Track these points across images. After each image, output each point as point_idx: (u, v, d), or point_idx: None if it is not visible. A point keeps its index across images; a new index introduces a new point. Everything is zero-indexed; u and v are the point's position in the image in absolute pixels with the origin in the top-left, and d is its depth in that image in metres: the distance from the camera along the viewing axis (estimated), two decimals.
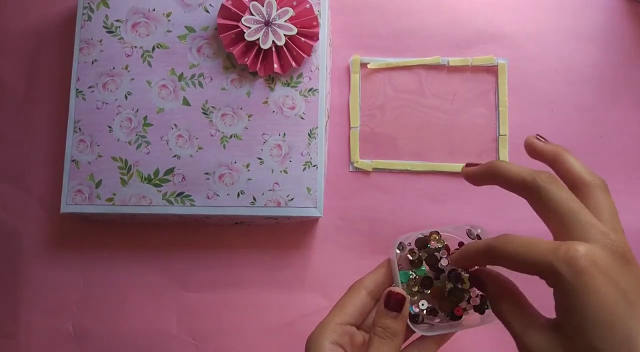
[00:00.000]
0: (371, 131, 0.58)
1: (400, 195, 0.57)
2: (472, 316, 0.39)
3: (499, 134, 0.58)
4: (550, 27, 0.60)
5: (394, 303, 0.37)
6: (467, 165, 0.39)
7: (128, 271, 0.56)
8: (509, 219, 0.56)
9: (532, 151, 0.39)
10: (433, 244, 0.39)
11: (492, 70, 0.59)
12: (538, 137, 0.40)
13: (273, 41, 0.52)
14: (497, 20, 0.60)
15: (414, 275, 0.39)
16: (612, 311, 0.30)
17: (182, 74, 0.53)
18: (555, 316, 0.33)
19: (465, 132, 0.58)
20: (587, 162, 0.59)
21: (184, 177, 0.52)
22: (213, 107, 0.53)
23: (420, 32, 0.59)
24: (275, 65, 0.52)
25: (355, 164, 0.57)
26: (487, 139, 0.58)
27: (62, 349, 0.55)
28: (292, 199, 0.51)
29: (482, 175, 0.38)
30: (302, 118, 0.53)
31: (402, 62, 0.58)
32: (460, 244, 0.40)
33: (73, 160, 0.52)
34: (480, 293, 0.38)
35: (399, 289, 0.37)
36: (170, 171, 0.52)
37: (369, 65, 0.59)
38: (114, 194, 0.51)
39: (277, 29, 0.52)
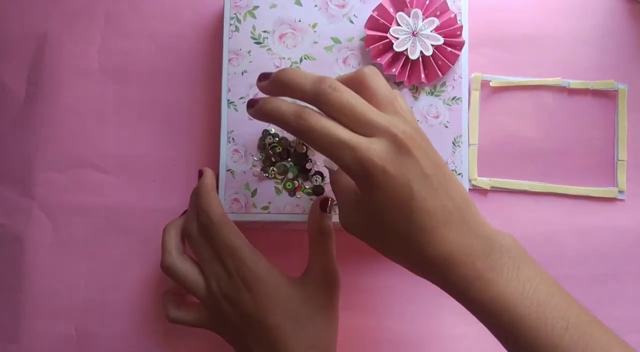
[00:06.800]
0: (489, 150, 0.58)
1: (515, 216, 0.58)
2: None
3: (618, 159, 0.58)
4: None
5: (328, 206, 0.48)
6: (260, 78, 0.43)
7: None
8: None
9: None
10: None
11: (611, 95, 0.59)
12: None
13: (421, 51, 0.53)
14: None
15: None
16: (396, 197, 0.36)
17: None
18: None
19: (583, 155, 0.59)
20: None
21: None
22: None
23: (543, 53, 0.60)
24: (422, 75, 0.53)
25: (473, 182, 0.58)
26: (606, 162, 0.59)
27: None
28: None
29: (271, 89, 0.42)
30: (447, 127, 0.54)
31: (524, 82, 0.59)
32: None
33: (228, 170, 0.53)
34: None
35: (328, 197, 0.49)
36: None
37: (491, 83, 0.59)
38: (269, 203, 0.52)
39: (424, 39, 0.53)
